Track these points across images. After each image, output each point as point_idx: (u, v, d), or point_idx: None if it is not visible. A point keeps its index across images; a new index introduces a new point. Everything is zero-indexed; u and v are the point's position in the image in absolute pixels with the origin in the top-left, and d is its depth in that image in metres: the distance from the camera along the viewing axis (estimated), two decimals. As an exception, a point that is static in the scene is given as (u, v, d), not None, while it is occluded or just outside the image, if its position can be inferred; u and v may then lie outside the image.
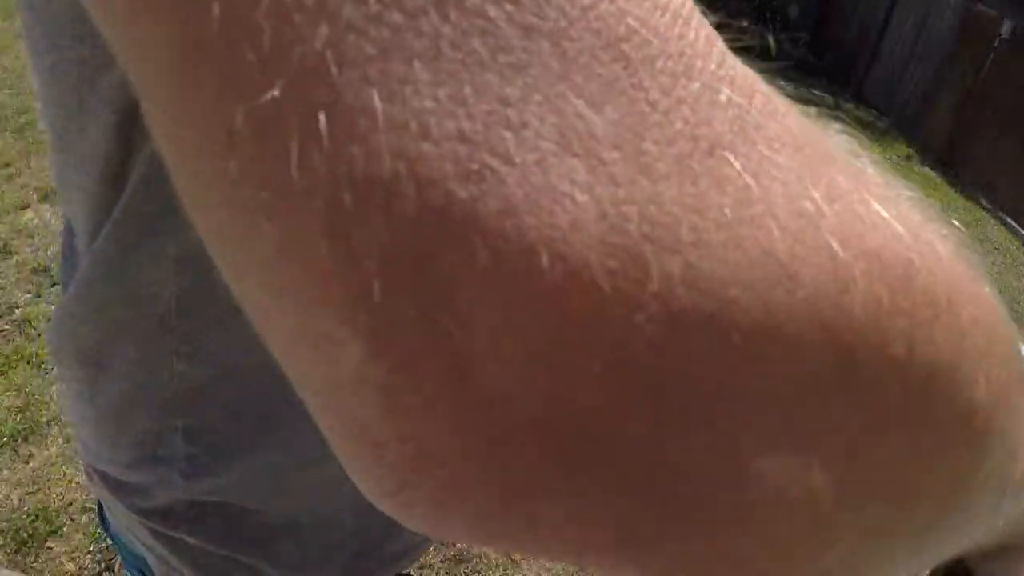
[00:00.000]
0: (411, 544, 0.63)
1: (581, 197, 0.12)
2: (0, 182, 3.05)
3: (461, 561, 1.88)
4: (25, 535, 1.71)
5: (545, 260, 0.12)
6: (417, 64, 0.12)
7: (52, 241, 2.73)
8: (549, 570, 1.91)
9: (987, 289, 0.18)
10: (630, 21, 0.13)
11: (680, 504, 0.13)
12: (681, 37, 0.14)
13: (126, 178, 0.39)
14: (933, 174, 6.36)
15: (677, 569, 0.14)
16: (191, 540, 0.51)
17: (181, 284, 0.41)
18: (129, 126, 0.36)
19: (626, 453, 0.13)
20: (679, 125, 0.13)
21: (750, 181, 0.13)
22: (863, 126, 7.43)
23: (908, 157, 6.64)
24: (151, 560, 0.55)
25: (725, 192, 0.13)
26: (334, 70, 0.12)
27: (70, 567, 1.69)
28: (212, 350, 0.44)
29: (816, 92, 8.03)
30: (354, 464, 0.14)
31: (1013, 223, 5.62)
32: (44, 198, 2.97)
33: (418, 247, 0.12)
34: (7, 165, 3.16)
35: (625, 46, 0.13)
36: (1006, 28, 6.24)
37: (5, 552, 1.68)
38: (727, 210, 0.13)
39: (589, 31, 0.13)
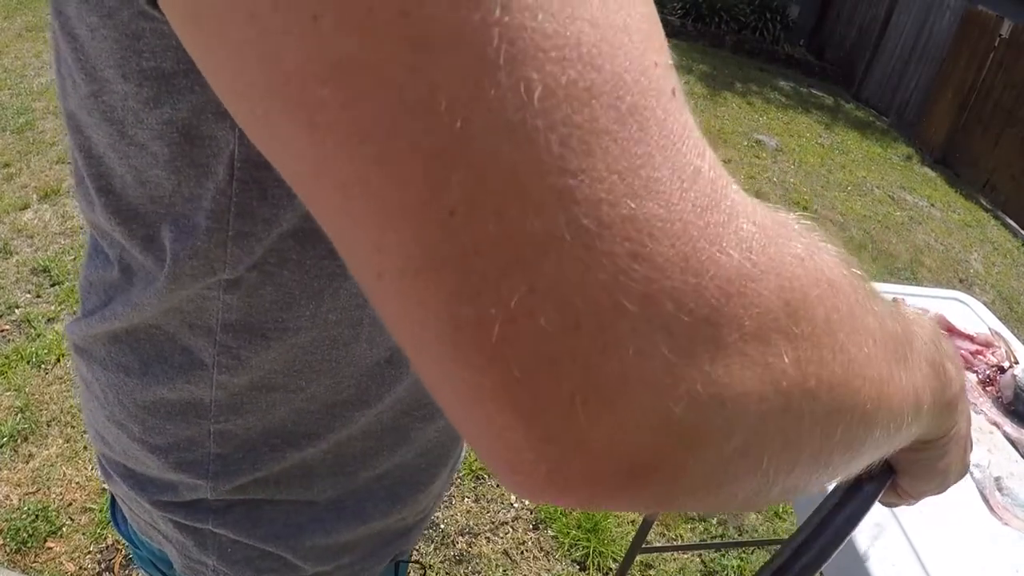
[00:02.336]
0: (416, 540, 0.64)
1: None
2: (0, 182, 3.05)
3: (461, 561, 1.88)
4: (25, 535, 1.71)
5: None
6: None
7: (52, 241, 2.74)
8: (549, 571, 1.91)
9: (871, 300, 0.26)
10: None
11: None
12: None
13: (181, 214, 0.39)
14: (933, 174, 6.36)
15: None
16: (218, 531, 0.51)
17: (228, 302, 0.42)
18: (181, 159, 0.37)
19: None
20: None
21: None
22: (863, 126, 7.49)
23: (908, 157, 6.64)
24: (172, 554, 0.55)
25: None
26: None
27: (70, 567, 1.69)
28: (253, 364, 0.44)
29: (816, 92, 8.03)
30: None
31: (1013, 223, 5.62)
32: (44, 198, 2.97)
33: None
34: (7, 165, 3.16)
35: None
36: (1006, 28, 6.23)
37: (5, 552, 1.68)
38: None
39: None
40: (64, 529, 1.76)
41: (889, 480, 0.44)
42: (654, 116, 0.20)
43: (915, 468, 0.43)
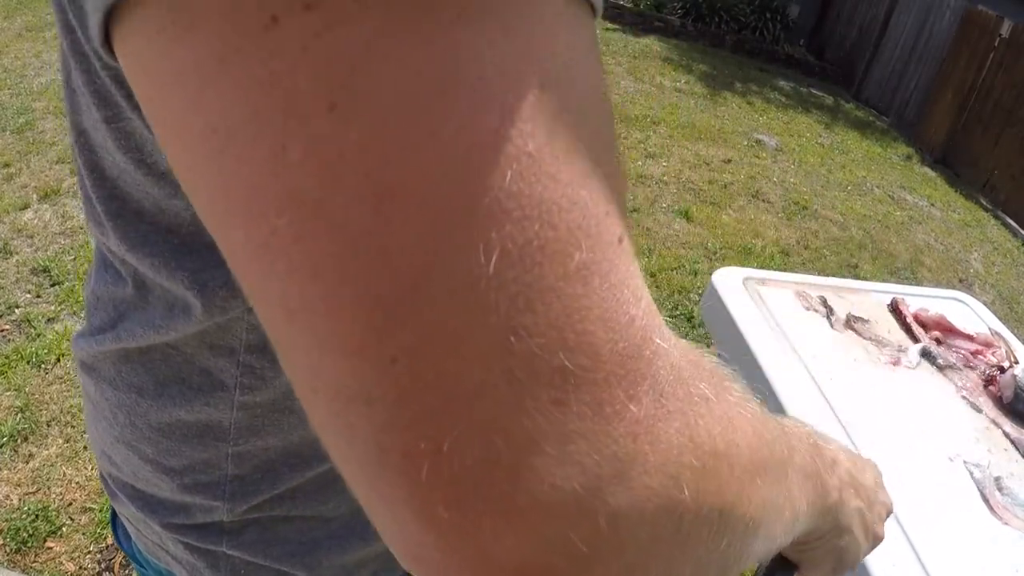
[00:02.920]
0: None
1: None
2: (0, 182, 3.05)
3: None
4: (25, 535, 1.71)
5: None
6: None
7: (52, 241, 2.74)
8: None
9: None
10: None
11: None
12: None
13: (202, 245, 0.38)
14: (933, 174, 6.36)
15: None
16: (232, 553, 0.50)
17: (253, 322, 0.41)
18: None
19: None
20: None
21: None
22: (863, 126, 7.47)
23: (908, 157, 6.64)
24: (182, 575, 0.54)
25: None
26: None
27: (70, 567, 1.69)
28: (276, 384, 0.43)
29: (816, 92, 8.03)
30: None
31: (1013, 223, 5.62)
32: (44, 198, 2.97)
33: None
34: (7, 165, 3.16)
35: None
36: (1006, 28, 6.23)
37: (5, 552, 1.68)
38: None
39: None
40: (64, 529, 1.76)
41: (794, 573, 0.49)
42: (599, 269, 0.21)
43: (808, 558, 0.47)
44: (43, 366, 2.19)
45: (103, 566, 1.70)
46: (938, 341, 1.24)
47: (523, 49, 0.20)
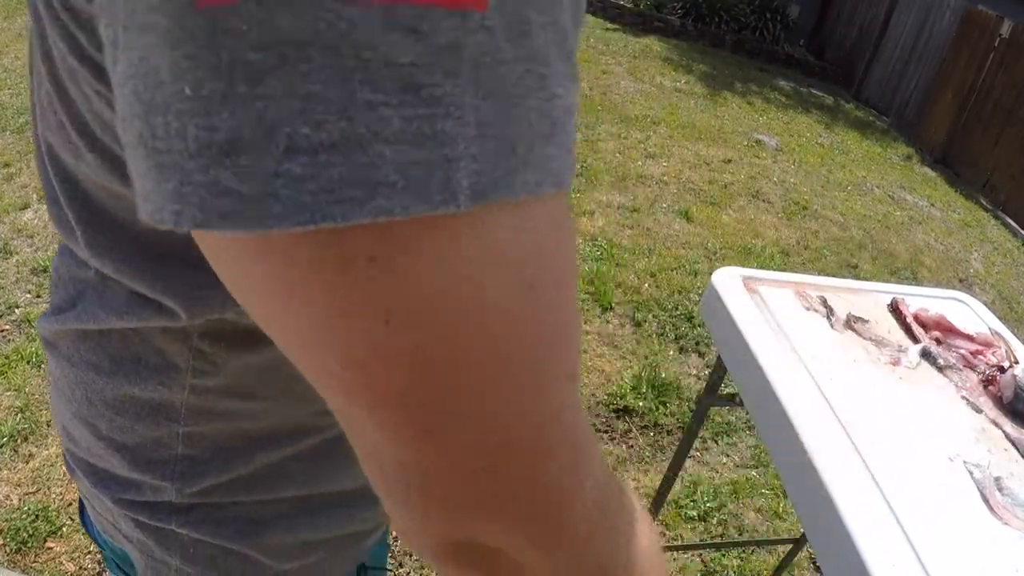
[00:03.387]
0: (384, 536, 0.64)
1: None
2: (0, 182, 3.05)
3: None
4: (25, 535, 1.71)
5: None
6: None
7: (52, 241, 2.73)
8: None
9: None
10: None
11: None
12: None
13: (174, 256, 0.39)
14: (933, 174, 6.36)
15: None
16: (181, 531, 0.51)
17: (207, 317, 0.41)
18: None
19: None
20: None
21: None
22: (863, 126, 7.45)
23: (908, 157, 6.64)
24: (134, 554, 0.55)
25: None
26: None
27: (70, 567, 1.69)
28: (228, 370, 0.44)
29: (816, 92, 8.03)
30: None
31: (1013, 223, 5.62)
32: (44, 198, 2.96)
33: None
34: (7, 165, 3.16)
35: None
36: (1006, 28, 6.23)
37: (5, 552, 1.68)
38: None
39: None
40: (64, 529, 1.76)
41: None
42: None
43: None
44: (43, 366, 2.18)
45: (103, 566, 1.70)
46: (938, 341, 1.24)
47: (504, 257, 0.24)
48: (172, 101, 0.20)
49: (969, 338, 1.26)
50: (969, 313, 1.39)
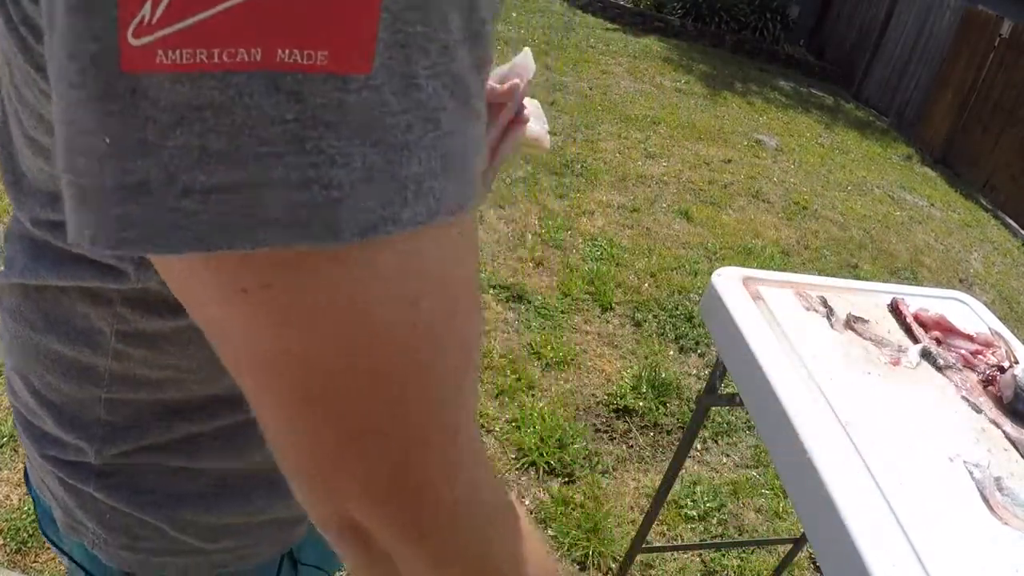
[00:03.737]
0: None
1: None
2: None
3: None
4: (25, 535, 1.71)
5: None
6: None
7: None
8: (549, 570, 1.91)
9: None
10: None
11: None
12: None
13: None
14: (933, 174, 6.36)
15: None
16: (98, 496, 0.52)
17: (132, 285, 0.44)
18: None
19: None
20: None
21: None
22: (863, 126, 7.46)
23: (908, 157, 6.64)
24: (57, 513, 0.56)
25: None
26: None
27: (70, 567, 1.69)
28: (149, 338, 0.46)
29: (816, 92, 8.03)
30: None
31: (1013, 223, 5.62)
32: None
33: None
34: (7, 165, 3.16)
35: None
36: (1006, 28, 6.23)
37: (5, 552, 1.68)
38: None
39: None
40: (64, 529, 1.76)
41: None
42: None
43: None
44: (43, 366, 2.19)
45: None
46: (938, 341, 1.24)
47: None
48: (93, 146, 0.24)
49: (969, 338, 1.26)
50: (969, 313, 1.39)
